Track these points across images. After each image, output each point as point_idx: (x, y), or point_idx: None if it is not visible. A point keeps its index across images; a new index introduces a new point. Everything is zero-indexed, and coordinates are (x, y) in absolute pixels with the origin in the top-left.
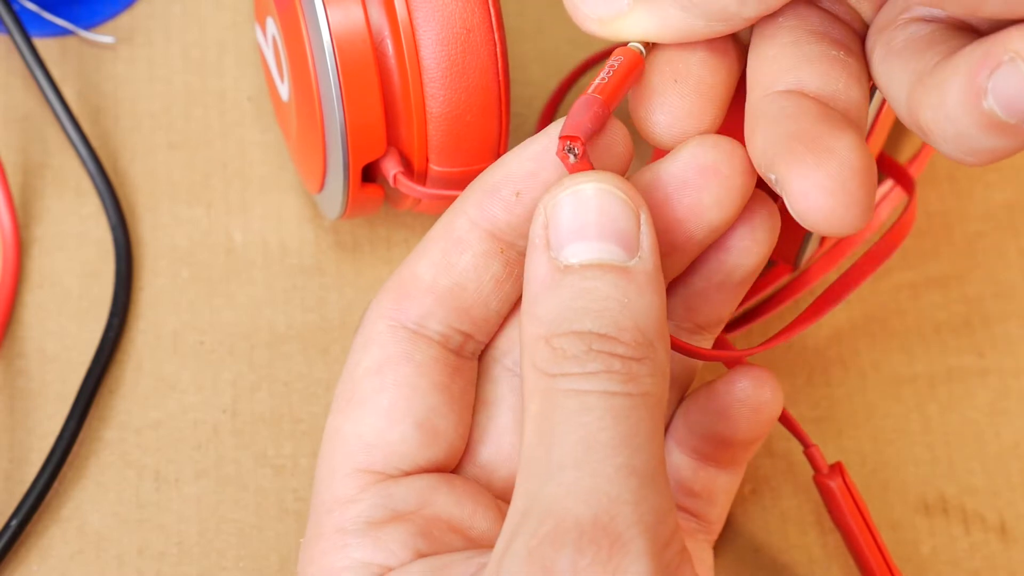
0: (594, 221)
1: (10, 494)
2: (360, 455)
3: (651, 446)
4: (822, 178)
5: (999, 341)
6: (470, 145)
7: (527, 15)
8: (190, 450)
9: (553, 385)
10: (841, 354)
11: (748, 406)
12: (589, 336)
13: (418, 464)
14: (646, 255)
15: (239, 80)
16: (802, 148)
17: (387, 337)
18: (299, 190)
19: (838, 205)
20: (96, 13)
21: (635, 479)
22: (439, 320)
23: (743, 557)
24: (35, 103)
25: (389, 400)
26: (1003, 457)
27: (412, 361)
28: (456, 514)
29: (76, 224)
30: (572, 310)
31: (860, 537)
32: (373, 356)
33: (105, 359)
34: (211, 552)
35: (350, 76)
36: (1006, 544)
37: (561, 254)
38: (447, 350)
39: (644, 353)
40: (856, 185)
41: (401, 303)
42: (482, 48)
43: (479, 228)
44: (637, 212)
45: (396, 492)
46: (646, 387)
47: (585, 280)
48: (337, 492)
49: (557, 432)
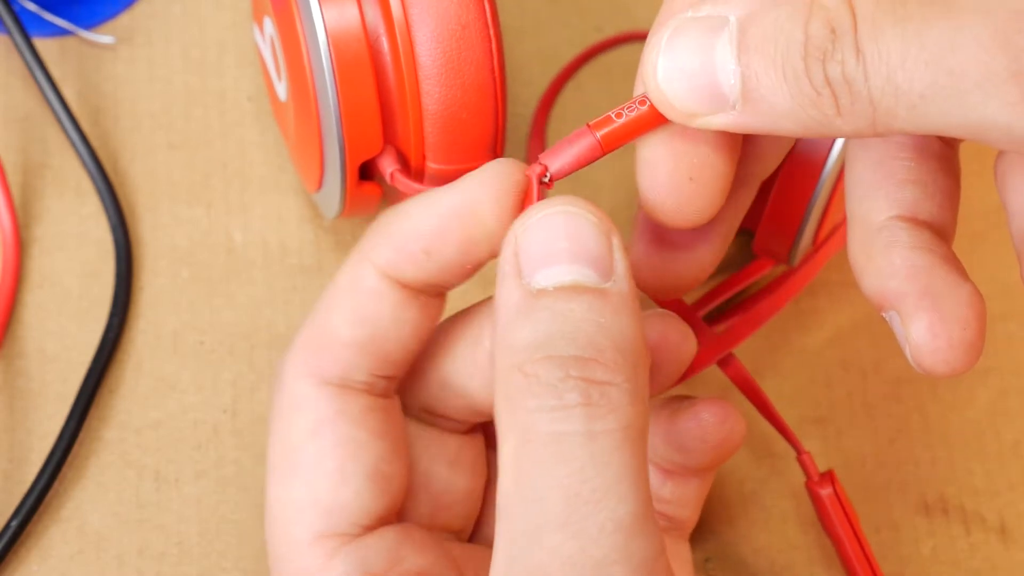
0: (566, 246)
1: (10, 494)
2: (319, 521)
3: (636, 489)
4: (948, 331)
5: (999, 341)
6: (466, 142)
7: (526, 14)
8: (190, 450)
9: (530, 424)
10: (841, 354)
11: (712, 442)
12: (566, 361)
13: (377, 515)
14: (620, 278)
15: (239, 80)
16: (929, 301)
17: (315, 396)
18: (299, 190)
19: (959, 355)
20: (96, 13)
21: (621, 534)
22: (363, 371)
23: (743, 558)
24: (35, 103)
25: (335, 460)
26: (1003, 457)
27: (347, 416)
28: (423, 564)
29: (76, 224)
30: (547, 335)
31: (848, 545)
32: (306, 418)
33: (105, 359)
34: (211, 552)
35: (346, 74)
36: (1006, 544)
37: (533, 280)
38: (373, 396)
39: (625, 376)
40: (975, 335)
41: (321, 360)
42: (477, 45)
43: (388, 279)
44: (609, 235)
45: (366, 554)
46: (628, 418)
47: (559, 302)
48: (304, 564)
49: (537, 486)
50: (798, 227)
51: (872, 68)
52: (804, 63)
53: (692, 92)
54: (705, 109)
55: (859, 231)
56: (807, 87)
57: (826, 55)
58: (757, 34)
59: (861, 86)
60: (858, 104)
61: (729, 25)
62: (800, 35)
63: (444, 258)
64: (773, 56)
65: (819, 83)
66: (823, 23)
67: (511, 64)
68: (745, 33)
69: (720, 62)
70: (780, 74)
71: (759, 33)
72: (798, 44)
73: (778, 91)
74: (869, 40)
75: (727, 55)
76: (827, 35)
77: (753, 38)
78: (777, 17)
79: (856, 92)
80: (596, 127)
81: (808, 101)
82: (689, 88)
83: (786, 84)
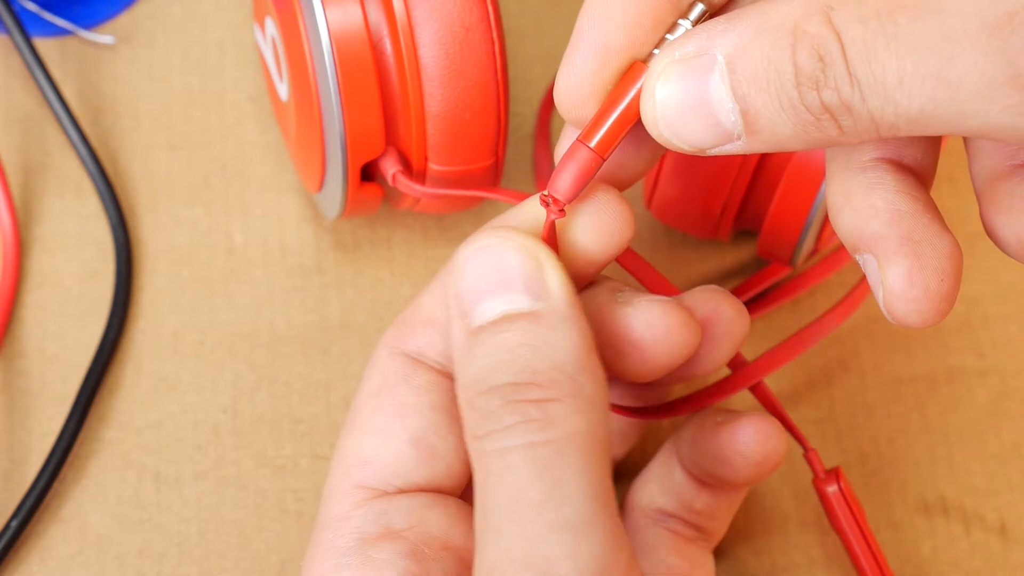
0: (494, 277)
1: (10, 494)
2: (356, 471)
3: (584, 491)
4: (926, 280)
5: (999, 341)
6: (469, 144)
7: (527, 15)
8: (190, 450)
9: (481, 448)
10: (841, 354)
11: (754, 459)
12: (504, 388)
13: (414, 482)
14: (555, 295)
15: (239, 80)
16: (910, 248)
17: (386, 362)
18: (299, 190)
19: (932, 305)
20: (96, 13)
21: (569, 533)
22: (438, 351)
23: (744, 558)
24: (35, 103)
25: (384, 419)
26: (1003, 457)
27: (408, 383)
28: (450, 533)
29: (76, 224)
30: (487, 367)
31: (856, 542)
32: (373, 380)
33: (105, 359)
34: (211, 553)
35: (349, 75)
36: (1006, 544)
37: (472, 318)
38: (448, 377)
39: (565, 390)
40: (950, 287)
41: (403, 333)
42: (480, 46)
43: None
44: (536, 257)
45: (389, 509)
46: (571, 426)
47: (496, 335)
48: (334, 509)
49: (489, 497)
50: (801, 229)
51: (869, 90)
52: (798, 93)
53: (696, 133)
54: (712, 143)
55: (839, 169)
56: (805, 114)
57: (819, 84)
58: (747, 70)
59: (860, 108)
60: (859, 123)
61: (718, 64)
62: (789, 67)
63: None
64: (767, 89)
65: (817, 110)
66: (810, 52)
67: (512, 64)
68: (735, 70)
69: (716, 101)
70: (777, 105)
71: (748, 68)
72: (788, 75)
73: (778, 121)
74: (861, 63)
75: (722, 94)
76: (815, 64)
77: (743, 74)
78: (763, 49)
79: (856, 114)
80: (586, 138)
81: (810, 126)
82: (692, 129)
83: (784, 114)
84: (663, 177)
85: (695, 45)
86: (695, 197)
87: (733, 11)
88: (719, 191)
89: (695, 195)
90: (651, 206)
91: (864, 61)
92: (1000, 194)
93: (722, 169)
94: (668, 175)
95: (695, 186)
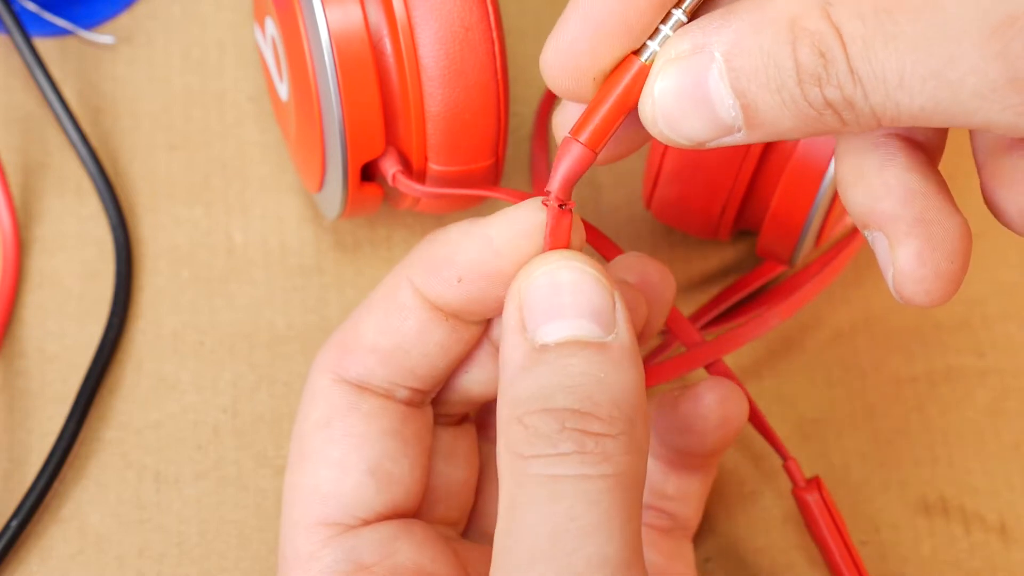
0: (569, 300)
1: (10, 494)
2: (317, 507)
3: (626, 530)
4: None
5: (999, 341)
6: (469, 144)
7: (527, 15)
8: (190, 450)
9: (525, 469)
10: (841, 354)
11: (714, 421)
12: (563, 413)
13: (376, 511)
14: (622, 332)
15: (239, 80)
16: (922, 228)
17: (331, 391)
18: (299, 190)
19: (941, 285)
20: (96, 13)
21: (607, 569)
22: (381, 378)
23: (743, 558)
24: (35, 103)
25: (340, 451)
26: (1003, 457)
27: (358, 411)
28: (419, 561)
29: (76, 224)
30: (546, 388)
31: (836, 551)
32: (320, 410)
33: (105, 359)
34: (211, 553)
35: (349, 75)
36: (1006, 544)
37: (536, 335)
38: (394, 401)
39: (621, 429)
40: (959, 269)
41: (343, 360)
42: (480, 46)
43: (421, 297)
44: (611, 290)
45: (358, 544)
46: (621, 466)
47: (561, 358)
48: (299, 548)
49: (527, 522)
50: (801, 229)
51: (871, 87)
52: (800, 89)
53: (695, 127)
54: (712, 137)
55: (851, 145)
56: (808, 109)
57: (821, 80)
58: (746, 66)
59: (863, 104)
60: (863, 117)
61: (716, 61)
62: (790, 63)
63: (476, 288)
64: (767, 85)
65: (819, 105)
66: (810, 48)
67: (512, 64)
68: (733, 67)
69: (716, 97)
70: (778, 99)
71: (747, 65)
72: (789, 72)
73: (779, 115)
74: (862, 61)
75: (721, 89)
76: (817, 60)
77: (743, 70)
78: (761, 45)
79: (859, 109)
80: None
81: (812, 119)
82: (691, 124)
83: (786, 108)
84: (663, 177)
85: (691, 42)
86: (695, 197)
87: (727, 6)
88: (719, 191)
89: (695, 195)
90: (651, 206)
91: (865, 59)
92: (1003, 168)
93: (722, 169)
94: (668, 175)
95: (695, 186)
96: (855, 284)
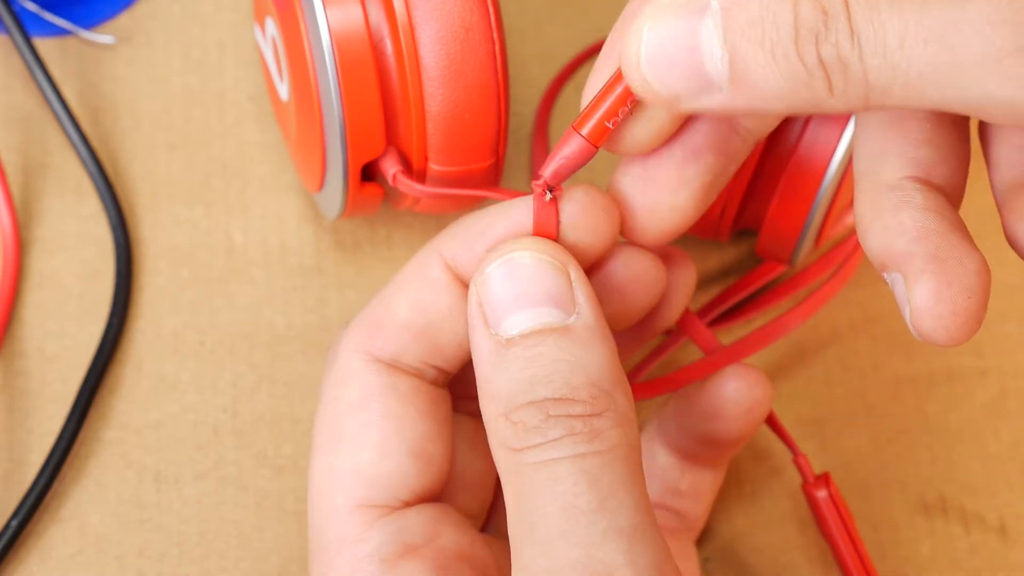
0: (524, 289)
1: (10, 494)
2: (359, 491)
3: (632, 498)
4: (953, 298)
5: (998, 341)
6: (469, 144)
7: (527, 15)
8: (190, 450)
9: (521, 460)
10: (841, 354)
11: (740, 407)
12: (545, 403)
13: (416, 492)
14: (584, 309)
15: (239, 80)
16: (937, 266)
17: (366, 371)
18: (299, 190)
19: (960, 323)
20: (96, 13)
21: (624, 539)
22: (414, 356)
23: (743, 558)
24: (35, 103)
25: (380, 432)
26: (1003, 457)
27: (396, 392)
28: (460, 543)
29: (76, 224)
30: (523, 382)
31: (844, 548)
32: (354, 391)
33: (105, 359)
34: (211, 553)
35: (349, 75)
36: (1006, 544)
37: (500, 329)
38: (423, 381)
39: (604, 405)
40: (978, 305)
41: (375, 338)
42: (481, 47)
43: (452, 273)
44: (565, 270)
45: (404, 525)
46: (613, 440)
47: (528, 349)
48: (343, 533)
49: (536, 506)
50: (801, 229)
51: (868, 48)
52: (795, 45)
53: (677, 77)
54: (691, 92)
55: (868, 188)
56: (799, 68)
57: (819, 37)
58: (742, 17)
59: (856, 67)
60: (852, 84)
61: (711, 9)
62: (789, 17)
63: None
64: (761, 39)
65: (812, 64)
66: (813, 4)
67: (512, 64)
68: (729, 16)
69: (705, 47)
70: (770, 56)
71: (744, 16)
72: (788, 27)
73: (768, 73)
74: (864, 21)
75: (712, 39)
76: (818, 16)
77: (738, 21)
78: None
79: (851, 72)
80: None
81: (800, 82)
82: (674, 73)
83: (776, 66)
84: None
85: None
86: None
87: None
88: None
89: None
90: None
91: (867, 19)
92: (1021, 203)
93: None
94: None
95: None
96: (855, 285)
